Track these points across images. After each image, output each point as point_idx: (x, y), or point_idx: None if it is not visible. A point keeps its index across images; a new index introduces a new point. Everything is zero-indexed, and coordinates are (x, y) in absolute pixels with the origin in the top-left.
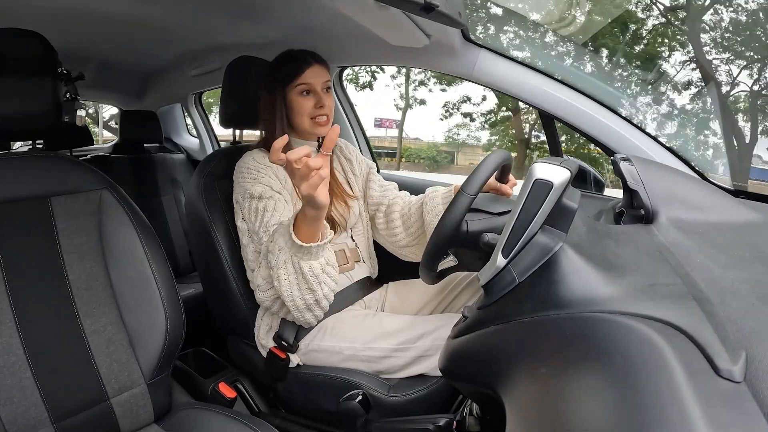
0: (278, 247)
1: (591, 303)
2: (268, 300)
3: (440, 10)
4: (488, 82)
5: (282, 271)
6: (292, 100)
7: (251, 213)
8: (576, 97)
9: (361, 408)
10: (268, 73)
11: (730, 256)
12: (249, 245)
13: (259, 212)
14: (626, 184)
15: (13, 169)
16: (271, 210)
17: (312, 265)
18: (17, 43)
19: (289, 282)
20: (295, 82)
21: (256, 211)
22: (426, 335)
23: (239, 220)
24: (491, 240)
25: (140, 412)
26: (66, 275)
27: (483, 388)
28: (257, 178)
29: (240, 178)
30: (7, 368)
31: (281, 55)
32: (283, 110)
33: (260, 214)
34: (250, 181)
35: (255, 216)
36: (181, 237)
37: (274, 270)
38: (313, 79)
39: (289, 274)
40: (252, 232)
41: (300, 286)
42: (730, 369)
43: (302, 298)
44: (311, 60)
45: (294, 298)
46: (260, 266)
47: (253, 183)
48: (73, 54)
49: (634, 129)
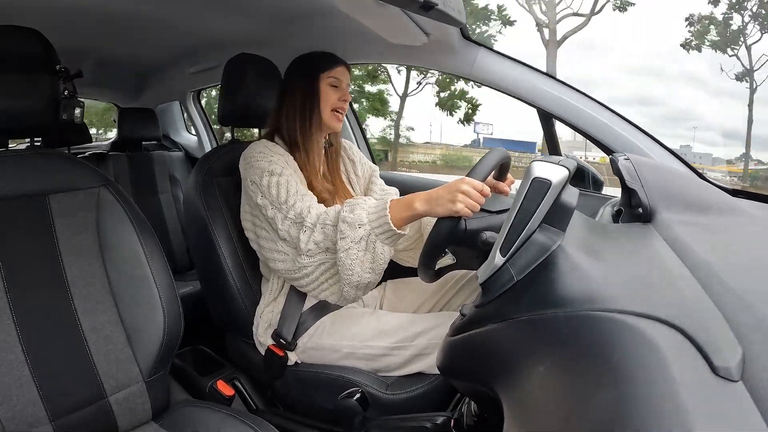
0: (358, 222)
1: (589, 301)
2: (312, 266)
3: (439, 8)
4: (487, 80)
5: (354, 245)
6: (321, 88)
7: (273, 188)
8: (574, 95)
9: (359, 406)
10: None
11: (727, 255)
12: (277, 215)
13: (282, 185)
14: (624, 183)
15: (11, 166)
16: (295, 183)
17: (385, 249)
18: (15, 41)
19: (356, 257)
20: (330, 72)
21: (277, 185)
22: (424, 333)
23: (259, 198)
24: (489, 238)
25: (138, 410)
26: (64, 273)
27: (481, 386)
28: (271, 160)
29: (253, 161)
30: (4, 366)
31: (313, 52)
32: (314, 98)
33: (283, 186)
34: (265, 162)
35: (278, 189)
36: (180, 235)
37: (345, 241)
38: (342, 76)
39: (360, 250)
40: (279, 203)
41: (364, 265)
42: (727, 367)
43: (360, 276)
44: (341, 62)
45: (354, 272)
46: (312, 230)
47: (270, 162)
48: (71, 51)
49: (632, 128)
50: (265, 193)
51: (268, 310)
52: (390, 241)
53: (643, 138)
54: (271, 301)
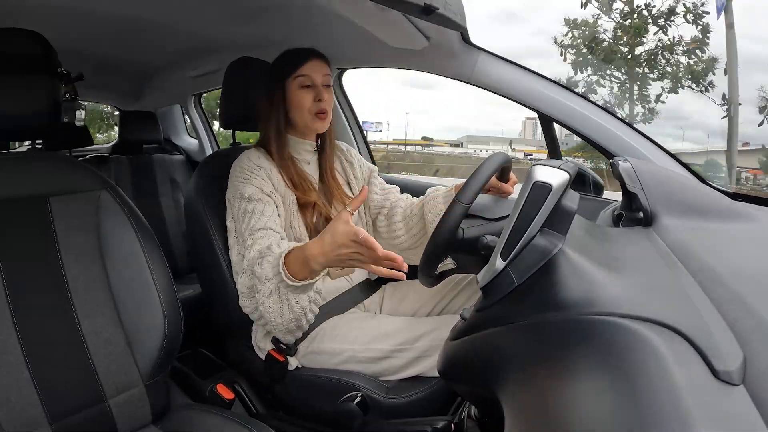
0: (265, 276)
1: (590, 305)
2: (249, 308)
3: (440, 12)
4: (487, 84)
5: (267, 299)
6: (291, 94)
7: (239, 214)
8: (575, 99)
9: (359, 410)
10: (269, 71)
11: (728, 259)
12: (234, 246)
13: (246, 214)
14: (625, 187)
15: (12, 168)
16: (259, 213)
17: (300, 299)
18: (17, 43)
19: (273, 310)
20: (295, 74)
21: (244, 212)
22: (425, 336)
23: (229, 219)
24: (490, 242)
25: (138, 413)
26: (64, 275)
27: (481, 390)
28: (249, 179)
29: (233, 177)
30: (4, 368)
31: (282, 53)
32: (282, 106)
33: (248, 216)
34: (242, 181)
35: (242, 217)
36: (180, 238)
37: (259, 295)
38: (313, 72)
39: (274, 303)
40: (238, 233)
41: (284, 315)
42: (728, 371)
43: (285, 325)
44: (311, 54)
45: (277, 324)
46: (243, 273)
47: (245, 184)
48: (73, 54)
49: (632, 132)
50: (234, 216)
51: None
52: (300, 291)
53: (643, 141)
54: None
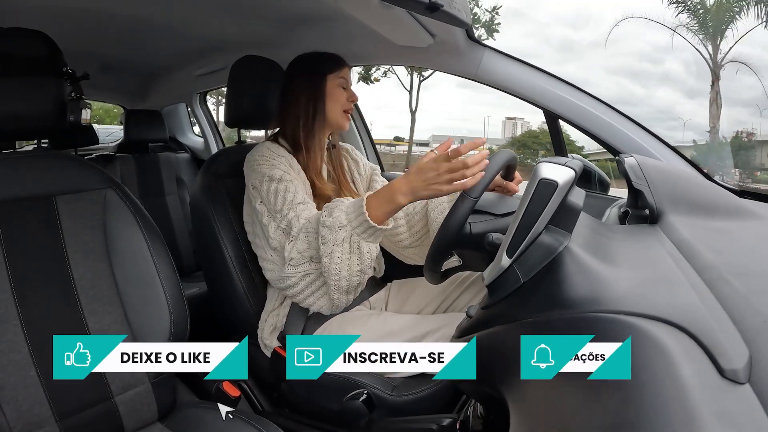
0: (338, 224)
1: (596, 303)
2: (296, 276)
3: (445, 9)
4: (492, 81)
5: (337, 248)
6: (330, 89)
7: (271, 195)
8: (581, 96)
9: (365, 407)
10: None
11: (735, 257)
12: (271, 224)
13: (280, 192)
14: (631, 184)
15: (19, 168)
16: (293, 190)
17: (371, 247)
18: (22, 43)
19: (341, 260)
20: (338, 73)
21: (276, 192)
22: (430, 334)
23: (258, 203)
24: (496, 240)
25: (144, 411)
26: (71, 274)
27: (487, 388)
28: (274, 164)
29: (255, 165)
30: (11, 366)
31: (320, 53)
32: (322, 97)
33: (281, 194)
34: (267, 166)
35: (276, 196)
36: (186, 236)
37: (327, 246)
38: (348, 77)
39: (344, 253)
40: (274, 211)
41: (351, 267)
42: (734, 370)
43: (349, 280)
44: (346, 63)
45: (341, 277)
46: (296, 239)
47: (271, 167)
48: (78, 53)
49: (639, 129)
50: (264, 199)
51: (274, 314)
52: (373, 239)
53: (649, 139)
54: (278, 305)
